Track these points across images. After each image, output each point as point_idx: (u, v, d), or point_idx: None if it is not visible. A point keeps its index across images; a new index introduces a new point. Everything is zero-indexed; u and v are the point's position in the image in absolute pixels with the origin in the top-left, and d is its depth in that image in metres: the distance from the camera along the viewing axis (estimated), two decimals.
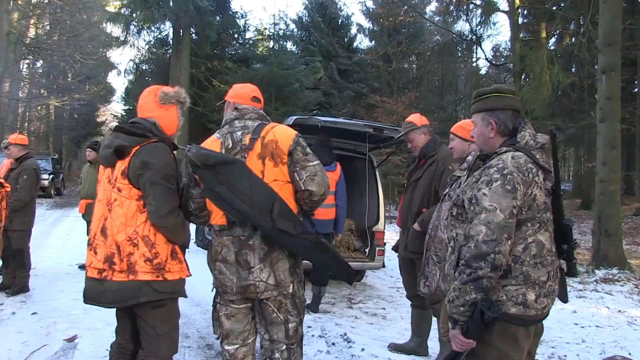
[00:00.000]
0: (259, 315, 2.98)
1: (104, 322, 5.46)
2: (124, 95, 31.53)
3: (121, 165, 2.91)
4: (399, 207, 4.95)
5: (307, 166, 2.88)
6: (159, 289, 2.88)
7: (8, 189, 6.05)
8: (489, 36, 23.00)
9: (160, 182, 2.86)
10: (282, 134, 2.94)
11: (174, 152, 3.13)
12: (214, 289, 3.11)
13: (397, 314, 6.42)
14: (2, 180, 5.94)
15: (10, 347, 4.82)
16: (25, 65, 32.02)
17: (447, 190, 3.00)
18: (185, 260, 3.08)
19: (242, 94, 3.18)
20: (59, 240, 11.64)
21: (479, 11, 21.58)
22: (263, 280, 2.84)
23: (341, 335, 5.34)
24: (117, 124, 3.14)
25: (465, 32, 23.33)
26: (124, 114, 30.64)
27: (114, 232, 2.87)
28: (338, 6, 27.36)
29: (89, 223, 8.33)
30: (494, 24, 23.62)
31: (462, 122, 4.06)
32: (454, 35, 22.94)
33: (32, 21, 28.14)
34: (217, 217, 2.94)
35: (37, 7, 27.56)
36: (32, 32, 28.61)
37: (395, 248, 4.97)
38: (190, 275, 3.09)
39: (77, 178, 31.62)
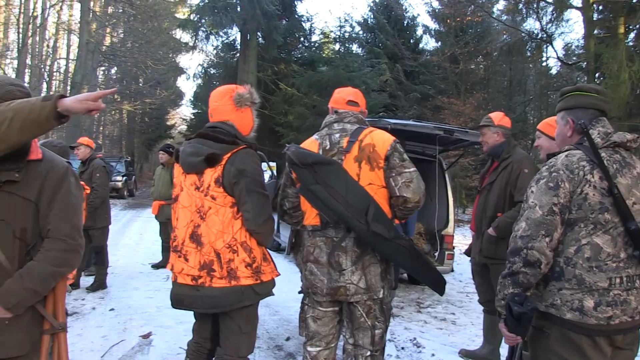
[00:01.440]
0: (347, 318, 2.99)
1: (176, 321, 5.64)
2: (192, 99, 32.34)
3: (213, 172, 2.92)
4: (473, 210, 4.87)
5: (403, 172, 2.88)
6: (259, 291, 2.94)
7: (87, 191, 6.33)
8: (560, 34, 22.13)
9: (256, 189, 2.89)
10: (380, 138, 2.96)
11: (260, 153, 3.14)
12: (302, 290, 3.16)
13: (467, 320, 6.31)
14: (82, 182, 6.21)
15: (92, 340, 5.07)
16: (101, 72, 33.28)
17: None
18: (273, 260, 3.12)
19: (337, 98, 3.24)
20: (132, 240, 12.03)
21: (551, 8, 20.89)
22: (354, 283, 2.85)
23: (410, 340, 5.31)
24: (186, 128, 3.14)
25: (535, 31, 22.65)
26: (193, 117, 31.36)
27: (212, 239, 2.91)
28: (403, 7, 27.16)
29: (161, 224, 8.67)
30: (566, 21, 22.76)
31: (549, 119, 3.95)
32: (523, 34, 22.31)
33: (107, 30, 29.22)
34: (311, 217, 2.99)
35: (112, 17, 28.61)
36: (107, 41, 29.68)
37: (467, 252, 4.90)
38: (280, 274, 3.13)
39: (149, 180, 32.54)
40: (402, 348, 5.12)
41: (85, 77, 24.49)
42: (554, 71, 26.91)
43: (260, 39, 24.18)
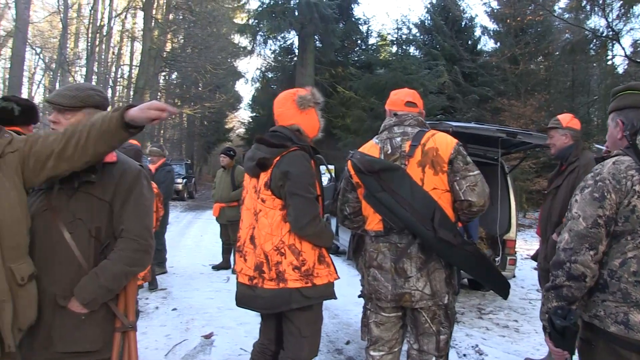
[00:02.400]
0: (411, 324, 2.96)
1: (237, 322, 5.71)
2: (250, 102, 32.73)
3: (264, 176, 2.99)
4: (539, 215, 4.75)
5: (467, 176, 2.84)
6: (308, 294, 2.92)
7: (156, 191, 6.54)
8: (629, 31, 21.16)
9: (298, 192, 2.89)
10: (443, 141, 2.91)
11: (318, 155, 3.15)
12: (361, 295, 3.15)
13: (531, 327, 6.13)
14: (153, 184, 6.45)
15: (156, 338, 5.19)
16: (162, 77, 34.10)
17: None
18: (332, 263, 3.10)
19: (395, 100, 3.20)
20: (192, 241, 12.24)
21: (618, 4, 20.10)
22: (419, 290, 2.81)
23: (472, 347, 5.22)
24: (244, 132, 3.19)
25: (600, 28, 21.86)
26: (250, 120, 31.77)
27: (262, 241, 2.95)
28: (461, 8, 26.77)
29: (221, 226, 8.81)
30: (637, 16, 21.80)
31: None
32: (587, 31, 21.60)
33: (168, 36, 29.91)
34: (374, 222, 2.95)
35: (173, 24, 29.29)
36: (168, 47, 30.40)
37: (534, 257, 4.79)
38: (339, 278, 3.11)
39: (208, 182, 33.06)
40: (464, 355, 5.03)
41: (147, 82, 25.19)
42: (620, 70, 25.93)
43: (317, 42, 24.30)
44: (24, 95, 26.80)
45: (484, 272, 3.03)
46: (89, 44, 25.58)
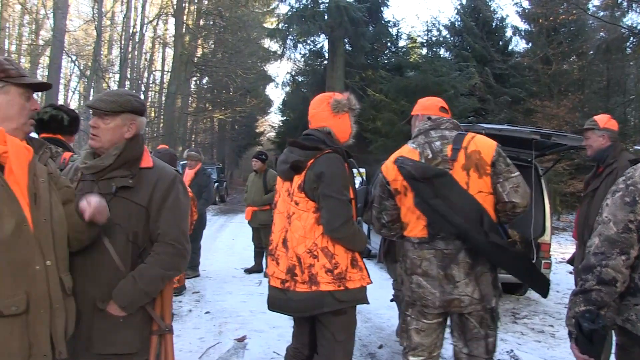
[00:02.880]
0: (458, 329, 2.94)
1: (269, 325, 5.73)
2: (281, 106, 32.86)
3: (298, 179, 3.00)
4: (575, 218, 4.66)
5: (510, 177, 2.82)
6: (341, 298, 2.91)
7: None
8: None
9: (332, 194, 2.88)
10: (484, 144, 2.89)
11: (350, 159, 3.14)
12: (393, 299, 3.13)
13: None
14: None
15: (190, 341, 5.25)
16: (194, 82, 34.51)
17: None
18: (365, 267, 3.08)
19: (429, 105, 3.20)
20: (225, 245, 12.32)
21: None
22: (468, 295, 2.79)
23: (507, 352, 5.16)
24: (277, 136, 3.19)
25: (637, 26, 21.34)
26: (281, 124, 31.89)
27: (294, 244, 2.96)
28: (492, 9, 26.49)
29: (254, 229, 8.87)
30: None
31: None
32: (623, 29, 21.13)
33: (199, 42, 30.26)
34: (417, 229, 2.91)
35: (204, 29, 29.63)
36: (199, 52, 30.75)
37: (570, 261, 4.70)
38: (372, 282, 3.09)
39: (239, 187, 33.25)
40: None
41: (179, 87, 25.53)
42: None
43: (347, 45, 24.30)
44: (60, 101, 27.38)
45: (529, 272, 2.99)
46: (122, 50, 26.06)
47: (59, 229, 2.05)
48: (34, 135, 2.29)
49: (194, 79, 33.79)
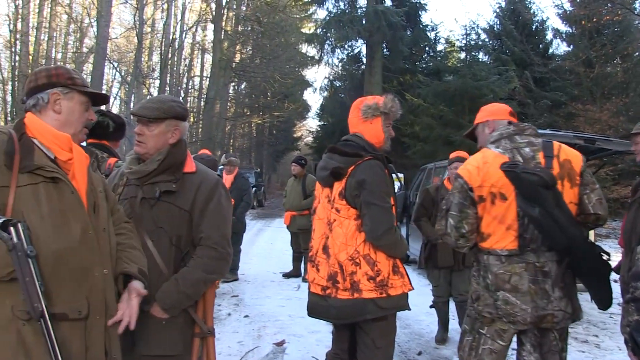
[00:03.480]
0: (534, 342, 2.78)
1: (308, 330, 5.73)
2: (318, 111, 32.98)
3: (338, 186, 2.99)
4: (622, 225, 4.54)
5: (595, 189, 2.73)
6: (382, 305, 2.90)
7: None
8: None
9: (374, 201, 2.87)
10: (573, 153, 2.78)
11: (390, 165, 3.12)
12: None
13: (613, 344, 5.81)
14: None
15: (229, 344, 5.27)
16: (232, 88, 34.86)
17: None
18: (407, 273, 3.06)
19: (497, 110, 3.05)
20: (262, 249, 12.37)
21: None
22: (562, 309, 2.66)
23: None
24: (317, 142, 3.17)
25: None
26: (319, 129, 31.99)
27: (336, 251, 2.95)
28: (532, 11, 26.09)
29: (292, 234, 8.90)
30: None
31: None
32: None
33: (237, 47, 30.57)
34: (506, 240, 2.72)
35: (242, 35, 29.93)
36: (237, 57, 31.06)
37: (616, 269, 4.57)
38: (413, 289, 3.07)
39: (276, 191, 33.38)
40: None
41: (217, 92, 25.81)
42: None
43: (385, 50, 24.24)
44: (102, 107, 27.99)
45: (605, 283, 2.79)
46: (162, 57, 26.47)
47: (112, 239, 2.10)
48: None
49: (233, 84, 34.09)
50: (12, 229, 1.70)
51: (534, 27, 25.86)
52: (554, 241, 2.59)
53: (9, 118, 25.23)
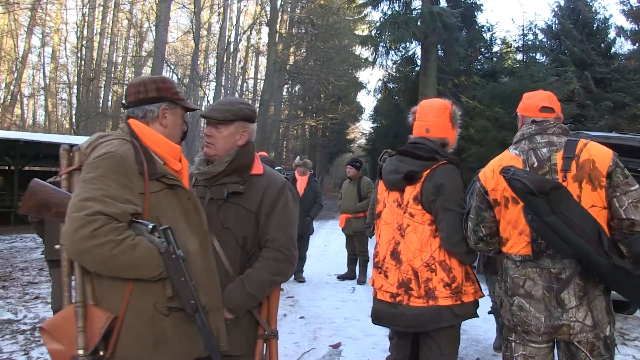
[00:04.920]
0: (565, 357, 2.62)
1: (364, 333, 5.74)
2: (372, 113, 32.88)
3: (412, 190, 2.94)
4: None
5: (628, 191, 2.47)
6: (458, 312, 2.87)
7: None
8: None
9: (452, 208, 2.84)
10: (599, 152, 2.55)
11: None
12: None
13: None
14: None
15: (285, 345, 5.27)
16: (286, 90, 35.16)
17: None
18: (477, 281, 3.04)
19: (529, 105, 2.85)
20: (317, 251, 12.41)
21: None
22: (579, 321, 2.46)
23: None
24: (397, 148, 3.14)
25: None
26: (372, 131, 31.90)
27: (410, 257, 2.90)
28: (593, 9, 25.31)
29: (347, 237, 8.91)
30: None
31: None
32: None
33: (291, 49, 30.84)
34: (519, 245, 2.61)
35: (296, 37, 30.17)
36: (291, 60, 31.33)
37: None
38: (484, 296, 3.04)
39: (330, 193, 33.44)
40: None
41: (272, 95, 26.09)
42: None
43: (439, 51, 23.98)
44: None
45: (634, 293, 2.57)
46: (218, 59, 26.93)
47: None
48: None
49: (287, 86, 34.41)
50: (162, 233, 1.87)
51: (595, 25, 25.07)
52: (558, 249, 2.44)
53: (74, 120, 26.14)
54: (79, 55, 27.37)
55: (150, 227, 1.86)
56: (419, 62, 24.92)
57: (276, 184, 2.51)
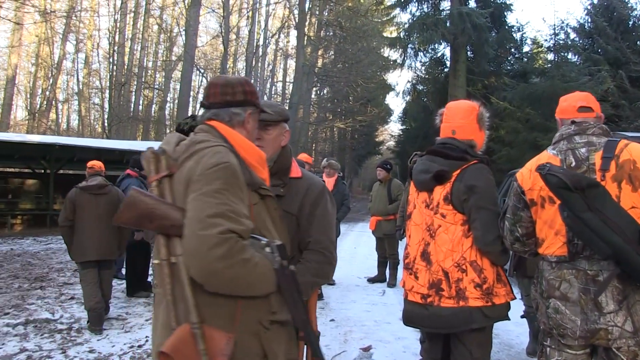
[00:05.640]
0: None
1: (395, 336, 5.72)
2: (401, 115, 32.77)
3: (442, 190, 2.93)
4: None
5: None
6: (489, 314, 2.85)
7: None
8: None
9: (486, 206, 2.83)
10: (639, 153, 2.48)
11: None
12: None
13: None
14: None
15: None
16: (315, 92, 35.26)
17: None
18: (509, 282, 3.01)
19: (565, 107, 2.81)
20: (347, 253, 12.41)
21: None
22: (618, 326, 2.36)
23: None
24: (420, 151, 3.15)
25: None
26: (401, 133, 31.77)
27: (440, 258, 2.90)
28: (629, 6, 24.77)
29: (377, 239, 8.89)
30: None
31: None
32: None
33: (320, 52, 30.92)
34: (555, 246, 2.55)
35: (324, 40, 30.25)
36: (320, 62, 31.41)
37: None
38: (515, 298, 3.01)
39: (359, 196, 33.38)
40: None
41: (301, 97, 26.18)
42: None
43: (469, 52, 23.79)
44: (189, 112, 29.08)
45: None
46: (247, 63, 27.15)
47: None
48: None
49: (315, 89, 34.49)
50: (275, 248, 1.84)
51: (630, 23, 24.56)
52: (595, 248, 2.36)
53: (106, 124, 26.60)
54: (110, 60, 27.92)
55: (264, 242, 1.83)
56: (448, 63, 24.77)
57: (316, 187, 2.52)
